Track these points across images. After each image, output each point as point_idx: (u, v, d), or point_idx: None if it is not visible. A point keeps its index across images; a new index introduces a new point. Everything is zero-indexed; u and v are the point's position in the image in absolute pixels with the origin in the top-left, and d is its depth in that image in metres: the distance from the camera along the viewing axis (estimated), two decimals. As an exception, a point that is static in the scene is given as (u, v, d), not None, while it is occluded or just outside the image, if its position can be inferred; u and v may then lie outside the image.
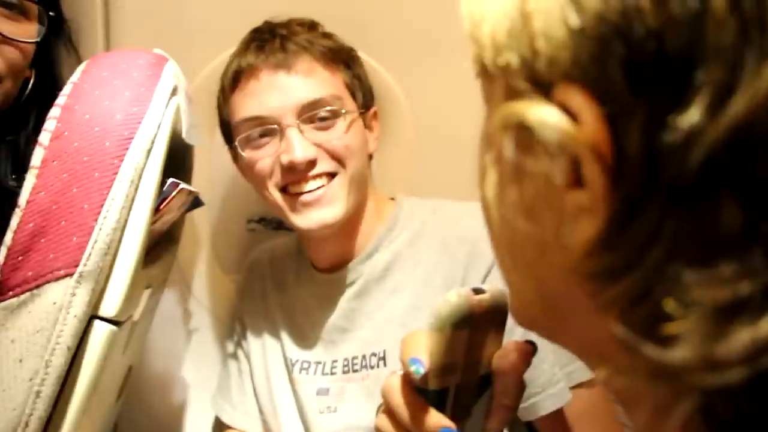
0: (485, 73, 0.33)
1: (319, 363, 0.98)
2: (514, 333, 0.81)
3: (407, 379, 0.49)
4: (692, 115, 0.24)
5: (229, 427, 1.06)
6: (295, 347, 1.00)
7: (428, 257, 0.94)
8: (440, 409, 0.48)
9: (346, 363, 0.96)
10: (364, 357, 0.94)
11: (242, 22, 1.00)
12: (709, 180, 0.25)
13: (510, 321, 0.51)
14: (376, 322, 0.94)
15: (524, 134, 0.29)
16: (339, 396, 0.95)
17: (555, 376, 0.87)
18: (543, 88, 0.29)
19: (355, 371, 0.95)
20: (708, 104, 0.24)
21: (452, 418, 0.48)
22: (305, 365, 0.99)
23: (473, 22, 0.33)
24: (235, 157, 0.99)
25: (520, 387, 0.51)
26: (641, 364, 0.28)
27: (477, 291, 0.47)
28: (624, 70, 0.26)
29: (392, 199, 1.03)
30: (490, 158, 0.34)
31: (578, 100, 0.27)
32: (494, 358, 0.51)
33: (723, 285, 0.25)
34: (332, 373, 0.96)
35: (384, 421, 0.51)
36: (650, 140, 0.25)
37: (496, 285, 0.48)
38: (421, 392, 0.48)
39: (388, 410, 0.50)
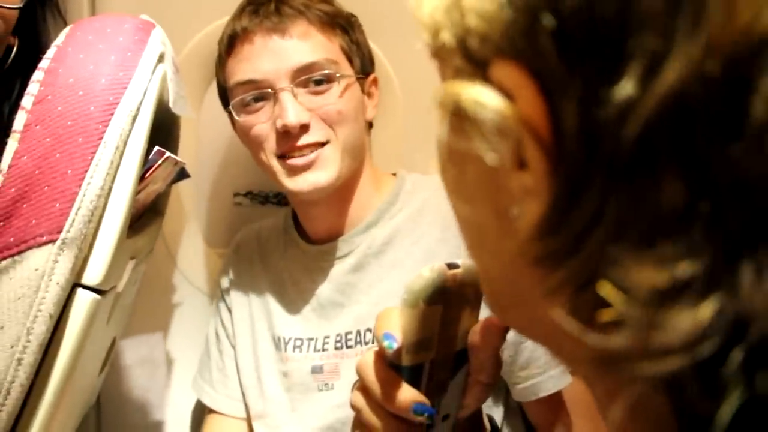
0: (433, 53, 0.32)
1: (311, 339, 0.97)
2: None
3: (381, 355, 0.48)
4: (625, 87, 0.23)
5: (212, 410, 1.04)
6: (286, 325, 0.99)
7: (430, 233, 0.93)
8: (414, 385, 0.47)
9: (339, 339, 0.94)
10: (358, 333, 0.93)
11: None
12: (647, 155, 0.23)
13: None
14: (373, 297, 0.93)
15: (461, 115, 0.28)
16: (334, 373, 0.94)
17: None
18: (479, 66, 0.28)
19: (349, 347, 0.93)
20: (640, 74, 0.23)
21: (427, 394, 0.47)
22: (298, 343, 0.97)
23: (416, 3, 0.32)
24: (233, 121, 0.98)
25: (497, 363, 0.51)
26: (585, 352, 0.27)
27: (451, 266, 0.47)
28: (555, 42, 0.25)
29: (393, 174, 1.02)
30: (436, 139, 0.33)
31: (512, 76, 0.26)
32: (470, 334, 0.50)
33: (662, 266, 0.23)
34: (324, 350, 0.95)
35: (358, 398, 0.50)
36: (586, 115, 0.24)
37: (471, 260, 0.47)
38: (394, 368, 0.47)
39: (362, 387, 0.49)
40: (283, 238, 1.05)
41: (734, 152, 0.22)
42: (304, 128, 0.89)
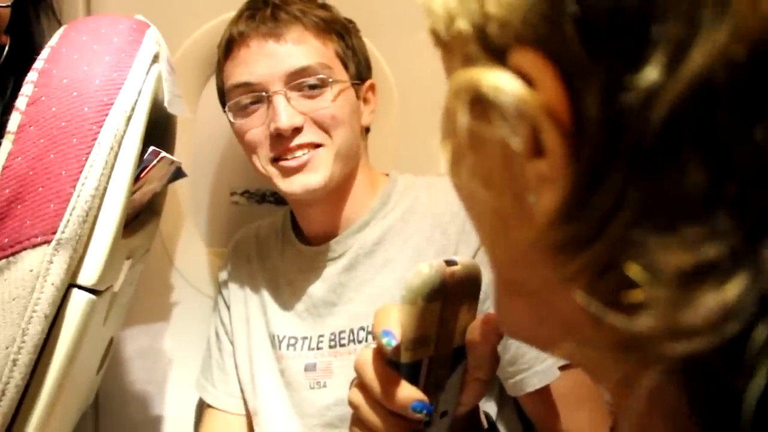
0: (442, 44, 0.32)
1: (305, 338, 0.98)
2: (487, 304, 0.82)
3: (379, 353, 0.48)
4: (650, 73, 0.23)
5: (212, 407, 1.05)
6: (281, 323, 1.00)
7: (420, 231, 0.94)
8: (413, 382, 0.48)
9: (333, 337, 0.95)
10: (351, 331, 0.94)
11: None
12: (672, 140, 0.24)
13: (484, 293, 0.51)
14: (365, 296, 0.94)
15: (479, 102, 0.28)
16: (326, 371, 0.95)
17: (543, 353, 0.87)
18: (497, 53, 0.28)
19: (342, 345, 0.94)
20: (666, 61, 0.23)
21: (425, 391, 0.48)
22: (292, 341, 0.98)
23: None
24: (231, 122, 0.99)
25: (494, 360, 0.51)
26: (606, 334, 0.27)
27: (449, 263, 0.47)
28: (578, 29, 0.25)
29: (386, 175, 1.03)
30: (448, 128, 0.32)
31: (533, 63, 0.26)
32: (467, 331, 0.50)
33: (687, 249, 0.24)
34: (318, 348, 0.96)
35: (356, 395, 0.50)
36: (609, 102, 0.25)
37: (468, 257, 0.48)
38: (393, 365, 0.48)
39: (360, 384, 0.49)
40: (282, 237, 1.06)
41: (758, 135, 0.23)
42: (297, 131, 0.90)
